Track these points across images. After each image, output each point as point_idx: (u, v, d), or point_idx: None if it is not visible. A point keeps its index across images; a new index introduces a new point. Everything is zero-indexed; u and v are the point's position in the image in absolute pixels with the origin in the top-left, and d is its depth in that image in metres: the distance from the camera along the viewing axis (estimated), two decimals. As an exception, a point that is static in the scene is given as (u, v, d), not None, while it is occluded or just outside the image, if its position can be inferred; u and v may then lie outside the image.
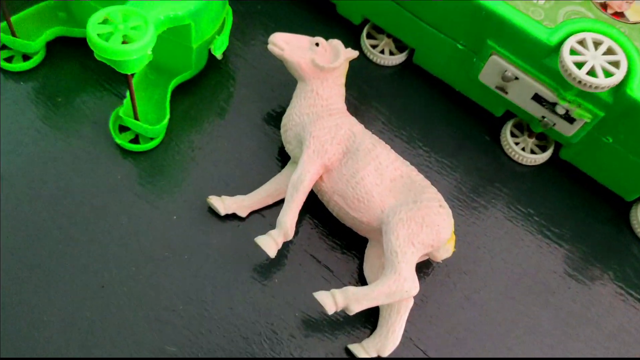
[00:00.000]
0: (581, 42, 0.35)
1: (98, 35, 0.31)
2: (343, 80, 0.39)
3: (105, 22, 0.32)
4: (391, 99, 0.43)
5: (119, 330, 0.34)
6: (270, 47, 0.38)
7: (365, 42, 0.44)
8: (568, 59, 0.34)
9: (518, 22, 0.36)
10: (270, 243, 0.35)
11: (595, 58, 0.35)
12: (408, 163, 0.37)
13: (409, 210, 0.34)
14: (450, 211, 0.36)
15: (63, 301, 0.35)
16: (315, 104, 0.38)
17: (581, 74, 0.34)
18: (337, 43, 0.39)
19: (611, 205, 0.41)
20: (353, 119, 0.38)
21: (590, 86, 0.34)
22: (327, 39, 0.44)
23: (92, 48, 0.31)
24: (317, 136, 0.36)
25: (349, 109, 0.40)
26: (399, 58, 0.44)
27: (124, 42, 0.31)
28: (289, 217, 0.35)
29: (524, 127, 0.42)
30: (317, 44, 0.38)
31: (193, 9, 0.35)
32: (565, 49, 0.35)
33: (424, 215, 0.34)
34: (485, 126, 0.43)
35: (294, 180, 0.36)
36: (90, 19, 0.31)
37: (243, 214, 0.38)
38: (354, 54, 0.39)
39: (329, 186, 0.36)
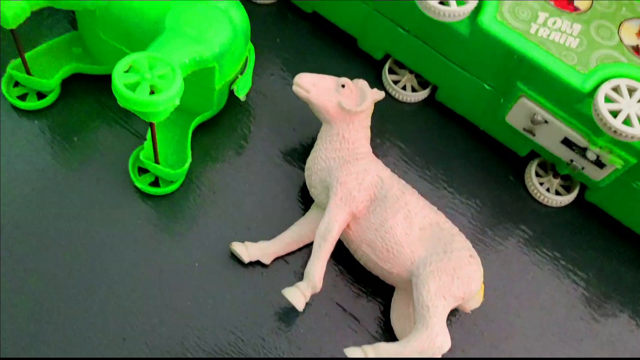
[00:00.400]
0: (615, 89, 0.35)
1: (125, 85, 0.30)
2: (369, 122, 0.38)
3: (130, 70, 0.31)
4: (413, 136, 0.42)
5: (141, 385, 0.33)
6: (295, 88, 0.37)
7: (387, 78, 0.43)
8: (603, 108, 0.34)
9: (551, 67, 0.35)
10: (298, 296, 0.34)
11: (630, 106, 0.34)
12: (436, 209, 0.36)
13: (440, 262, 0.34)
14: (479, 260, 0.35)
15: (82, 356, 0.33)
16: (341, 148, 0.37)
17: (617, 123, 0.33)
18: (362, 84, 0.38)
19: (638, 247, 0.41)
20: (380, 163, 0.37)
21: (627, 136, 0.33)
22: (347, 73, 0.43)
23: (117, 98, 0.30)
24: (344, 182, 0.35)
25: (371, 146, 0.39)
26: (421, 95, 0.43)
27: (151, 92, 0.30)
28: (317, 269, 0.34)
29: (548, 166, 0.42)
30: (343, 86, 0.37)
31: (218, 51, 0.34)
32: (600, 97, 0.34)
33: (455, 267, 0.34)
34: (509, 165, 0.42)
35: (322, 230, 0.35)
36: (116, 68, 0.30)
37: (267, 261, 0.36)
38: (380, 95, 0.38)
39: (357, 235, 0.35)
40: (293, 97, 0.42)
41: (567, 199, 0.41)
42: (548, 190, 0.41)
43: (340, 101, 0.37)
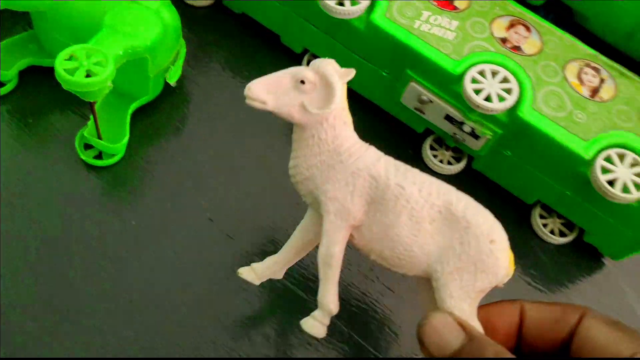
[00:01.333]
0: (481, 72, 0.42)
1: (65, 70, 0.36)
2: (345, 104, 0.32)
3: (71, 58, 0.37)
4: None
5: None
6: (248, 102, 0.31)
7: (305, 68, 0.50)
8: (469, 87, 0.41)
9: (429, 55, 0.42)
10: (317, 326, 0.32)
11: (492, 86, 0.41)
12: (443, 186, 0.32)
13: (458, 260, 0.30)
14: (503, 238, 0.31)
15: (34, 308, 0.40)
16: (320, 152, 0.32)
17: (479, 99, 0.41)
18: (324, 70, 0.31)
19: (515, 208, 0.48)
20: (369, 155, 0.32)
21: (487, 109, 0.41)
22: (273, 64, 0.49)
23: (59, 81, 0.37)
24: (333, 197, 0.31)
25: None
26: (334, 82, 0.49)
27: (87, 76, 0.37)
28: (330, 297, 0.32)
29: (442, 141, 0.49)
30: (302, 82, 0.31)
31: (149, 44, 0.41)
32: (467, 79, 0.41)
33: (475, 262, 0.30)
34: (409, 142, 0.49)
35: (323, 255, 0.31)
36: (58, 57, 0.37)
37: (279, 276, 0.35)
38: (351, 73, 0.33)
39: (362, 244, 0.32)
40: (225, 86, 0.49)
41: (456, 167, 0.48)
42: (441, 161, 0.48)
43: (303, 103, 0.31)
